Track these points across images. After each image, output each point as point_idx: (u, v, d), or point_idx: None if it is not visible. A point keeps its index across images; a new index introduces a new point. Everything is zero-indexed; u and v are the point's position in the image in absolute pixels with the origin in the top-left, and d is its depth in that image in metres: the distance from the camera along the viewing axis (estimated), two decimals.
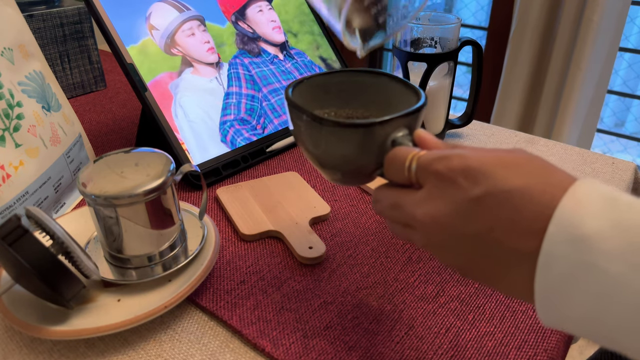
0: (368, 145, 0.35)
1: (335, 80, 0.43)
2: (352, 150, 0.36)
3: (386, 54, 2.29)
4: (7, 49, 0.51)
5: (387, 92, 0.42)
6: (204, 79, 0.66)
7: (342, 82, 0.43)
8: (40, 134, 0.52)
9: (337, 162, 0.37)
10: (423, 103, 0.37)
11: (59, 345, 0.41)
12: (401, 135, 0.35)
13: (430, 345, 0.41)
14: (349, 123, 0.34)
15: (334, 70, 0.42)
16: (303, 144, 0.39)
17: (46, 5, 0.83)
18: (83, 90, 0.91)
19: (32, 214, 0.39)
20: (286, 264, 0.49)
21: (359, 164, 0.37)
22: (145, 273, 0.44)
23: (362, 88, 0.43)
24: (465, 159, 0.29)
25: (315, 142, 0.37)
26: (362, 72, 0.43)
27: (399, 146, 0.34)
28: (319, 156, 0.38)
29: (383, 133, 0.35)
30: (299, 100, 0.38)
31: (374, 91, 0.43)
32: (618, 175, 0.67)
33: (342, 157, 0.37)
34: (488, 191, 0.28)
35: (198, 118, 0.63)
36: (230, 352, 0.40)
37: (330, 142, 0.36)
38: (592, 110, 1.66)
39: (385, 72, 0.42)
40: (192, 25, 0.67)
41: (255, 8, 0.74)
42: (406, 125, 0.35)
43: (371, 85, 0.43)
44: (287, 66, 0.75)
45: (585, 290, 0.25)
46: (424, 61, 0.67)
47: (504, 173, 0.28)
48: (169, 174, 0.42)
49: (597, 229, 0.24)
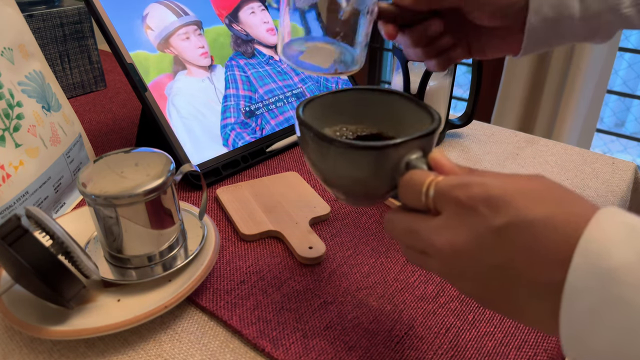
0: (381, 168, 0.34)
1: (345, 98, 0.42)
2: (364, 172, 0.35)
3: (386, 54, 2.29)
4: (7, 49, 0.51)
5: (399, 110, 0.41)
6: (197, 79, 0.66)
7: (352, 100, 0.42)
8: (40, 134, 0.52)
9: (349, 183, 0.37)
10: (438, 125, 0.36)
11: (59, 345, 0.41)
12: (415, 158, 0.34)
13: (430, 345, 0.41)
14: (362, 145, 0.34)
15: (344, 88, 0.42)
16: (313, 163, 0.38)
17: (46, 5, 0.83)
18: (83, 90, 0.91)
19: (32, 214, 0.39)
20: (286, 264, 0.49)
21: (372, 186, 0.36)
22: (145, 273, 0.44)
23: (372, 106, 0.43)
24: (486, 187, 0.28)
25: (327, 163, 0.36)
26: (372, 90, 0.42)
27: (413, 169, 0.33)
28: (330, 177, 0.37)
29: (397, 155, 0.34)
30: (309, 119, 0.37)
31: (384, 109, 0.42)
32: (618, 175, 0.67)
33: (354, 179, 0.36)
34: (510, 221, 0.27)
35: (190, 115, 0.63)
36: (230, 352, 0.40)
37: (342, 163, 0.35)
38: (592, 110, 1.66)
39: (396, 91, 0.41)
40: (188, 30, 0.67)
41: (247, 10, 0.74)
42: (420, 147, 0.34)
43: (382, 103, 0.42)
44: (282, 67, 0.75)
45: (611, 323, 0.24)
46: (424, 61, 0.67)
47: (526, 202, 0.27)
48: (169, 174, 0.42)
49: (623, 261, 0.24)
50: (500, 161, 0.70)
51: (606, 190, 0.63)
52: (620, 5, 0.46)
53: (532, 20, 0.48)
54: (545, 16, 0.48)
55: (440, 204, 0.30)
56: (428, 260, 0.32)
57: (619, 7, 0.46)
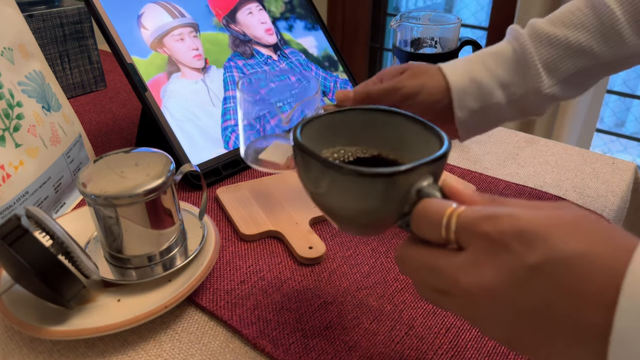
0: (390, 197, 0.31)
1: (345, 118, 0.39)
2: (371, 201, 0.31)
3: (386, 54, 2.29)
4: (7, 49, 0.51)
5: (402, 132, 0.38)
6: (190, 81, 0.65)
7: (352, 121, 0.39)
8: (40, 134, 0.52)
9: (353, 213, 0.33)
10: (449, 148, 0.33)
11: (59, 345, 0.41)
12: (427, 185, 0.31)
13: (430, 345, 0.41)
14: (369, 172, 0.30)
15: (344, 108, 0.39)
16: (313, 191, 0.35)
17: (46, 5, 0.83)
18: (83, 90, 0.91)
19: (32, 214, 0.39)
20: (286, 264, 0.49)
21: (378, 216, 0.33)
22: (145, 273, 0.44)
23: (373, 127, 0.39)
24: (516, 219, 0.26)
25: (328, 191, 0.33)
26: (374, 110, 0.39)
27: (427, 198, 0.30)
28: (332, 206, 0.34)
29: (407, 182, 0.31)
30: (307, 142, 0.34)
31: (387, 131, 0.39)
32: (618, 175, 0.67)
33: (359, 209, 0.32)
34: (547, 258, 0.24)
35: (184, 118, 0.63)
36: (230, 352, 0.40)
37: (347, 192, 0.32)
38: (592, 110, 1.66)
39: (400, 111, 0.38)
40: (183, 31, 0.67)
41: (245, 11, 0.74)
42: (432, 173, 0.32)
43: (384, 124, 0.39)
44: (281, 66, 0.75)
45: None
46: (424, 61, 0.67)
47: (562, 236, 0.24)
48: (169, 174, 0.42)
49: None
50: (500, 161, 0.70)
51: (606, 190, 0.63)
52: (542, 86, 0.47)
53: (459, 114, 0.50)
54: (471, 109, 0.49)
55: (464, 238, 0.28)
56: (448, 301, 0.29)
57: (541, 88, 0.47)
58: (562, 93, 0.48)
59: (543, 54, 0.47)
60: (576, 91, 0.49)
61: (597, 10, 0.45)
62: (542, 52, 0.47)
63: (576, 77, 0.48)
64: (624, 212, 0.65)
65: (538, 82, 0.47)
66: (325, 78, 0.79)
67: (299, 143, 0.34)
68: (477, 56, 0.49)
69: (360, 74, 2.31)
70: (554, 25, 0.47)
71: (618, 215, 0.61)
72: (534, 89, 0.47)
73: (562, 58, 0.47)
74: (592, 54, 0.46)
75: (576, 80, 0.48)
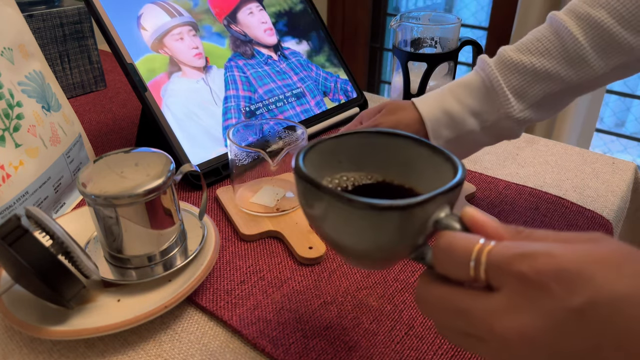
0: (406, 230, 0.29)
1: (347, 142, 0.36)
2: (385, 236, 0.29)
3: (386, 54, 2.29)
4: (7, 49, 0.51)
5: (408, 155, 0.35)
6: (191, 80, 0.66)
7: (355, 145, 0.36)
8: (40, 134, 0.52)
9: (365, 249, 0.30)
10: (464, 174, 0.30)
11: (59, 345, 0.41)
12: (445, 216, 0.29)
13: (430, 345, 0.41)
14: (383, 205, 0.27)
15: (346, 132, 0.36)
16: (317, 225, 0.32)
17: (46, 5, 0.83)
18: (83, 90, 0.91)
19: (32, 214, 0.39)
20: (286, 264, 0.49)
21: (392, 250, 0.30)
22: (145, 273, 0.44)
23: (377, 151, 0.37)
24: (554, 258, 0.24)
25: (335, 226, 0.30)
26: (378, 133, 0.36)
27: (446, 229, 0.28)
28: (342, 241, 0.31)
29: (424, 214, 0.28)
30: (309, 169, 0.31)
31: (391, 154, 0.36)
32: (618, 175, 0.67)
33: (371, 244, 0.30)
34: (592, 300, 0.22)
35: (185, 117, 0.63)
36: (230, 352, 0.40)
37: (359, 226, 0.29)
38: (591, 110, 1.66)
39: (405, 134, 0.36)
40: (182, 31, 0.67)
41: (245, 11, 0.74)
42: (448, 202, 0.29)
43: (388, 147, 0.36)
44: (281, 66, 0.75)
45: None
46: (424, 61, 0.67)
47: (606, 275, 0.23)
48: (169, 174, 0.42)
49: None
50: (500, 161, 0.70)
51: (606, 190, 0.63)
52: (512, 111, 0.48)
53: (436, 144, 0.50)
54: (447, 138, 0.51)
55: (497, 278, 0.25)
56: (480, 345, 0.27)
57: (512, 113, 0.49)
58: (534, 116, 0.49)
59: (512, 80, 0.48)
60: (548, 113, 0.50)
61: (561, 37, 0.47)
62: (511, 78, 0.48)
63: (546, 101, 0.49)
64: (624, 212, 0.65)
65: (508, 107, 0.48)
66: (325, 78, 0.79)
67: (301, 173, 0.30)
68: (447, 88, 0.51)
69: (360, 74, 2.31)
70: (521, 53, 0.48)
71: (618, 215, 0.61)
72: (505, 115, 0.49)
73: (529, 84, 0.48)
74: (559, 78, 0.47)
75: (546, 104, 0.49)
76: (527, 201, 0.60)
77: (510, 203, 0.59)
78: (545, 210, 0.58)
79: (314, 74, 0.78)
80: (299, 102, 0.74)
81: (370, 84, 2.36)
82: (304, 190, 0.31)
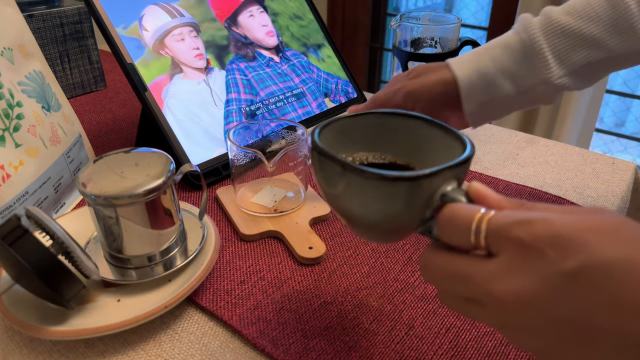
0: (414, 201, 0.30)
1: (360, 122, 0.38)
2: (393, 206, 0.30)
3: (386, 54, 2.29)
4: (7, 49, 0.51)
5: (420, 136, 0.37)
6: (192, 81, 0.66)
7: (369, 125, 0.38)
8: (40, 134, 0.52)
9: (375, 219, 0.32)
10: (472, 151, 0.32)
11: (59, 345, 0.41)
12: (452, 189, 0.30)
13: (430, 346, 0.41)
14: (393, 176, 0.29)
15: (360, 112, 0.38)
16: (329, 196, 0.34)
17: (46, 5, 0.83)
18: (83, 90, 0.91)
19: (32, 214, 0.39)
20: (286, 264, 0.49)
21: (400, 222, 0.32)
22: (145, 273, 0.44)
23: (390, 131, 0.38)
24: (551, 224, 0.25)
25: (347, 196, 0.32)
26: (390, 114, 0.38)
27: (452, 202, 0.29)
28: (352, 212, 0.33)
29: (432, 187, 0.30)
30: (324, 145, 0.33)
31: (403, 135, 0.38)
32: (618, 175, 0.67)
33: (381, 214, 0.31)
34: (584, 264, 0.23)
35: (186, 118, 0.63)
36: (230, 352, 0.40)
37: (368, 197, 0.31)
38: (591, 110, 1.66)
39: (417, 115, 0.37)
40: (183, 31, 0.67)
41: (246, 14, 0.75)
42: (456, 177, 0.31)
43: (400, 128, 0.38)
44: (283, 68, 0.75)
45: None
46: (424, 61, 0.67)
47: (600, 241, 0.23)
48: (169, 174, 0.42)
49: None
50: (500, 161, 0.70)
51: (606, 190, 0.63)
52: (551, 77, 0.47)
53: (467, 107, 0.50)
54: (479, 101, 0.50)
55: (496, 244, 0.26)
56: (479, 310, 0.27)
57: (550, 79, 0.48)
58: (571, 84, 0.48)
59: (555, 44, 0.47)
60: (585, 82, 0.49)
61: (613, 4, 0.46)
62: (555, 42, 0.47)
63: (587, 69, 0.48)
64: (624, 212, 0.65)
65: (547, 72, 0.47)
66: (326, 80, 0.79)
67: (316, 146, 0.32)
68: (484, 49, 0.50)
69: (360, 74, 2.31)
70: (570, 15, 0.47)
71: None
72: (543, 80, 0.48)
73: (574, 49, 0.47)
74: (605, 46, 0.46)
75: (586, 72, 0.48)
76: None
77: None
78: None
79: (315, 76, 0.78)
80: (300, 104, 0.74)
81: (370, 84, 2.36)
82: (319, 163, 0.32)
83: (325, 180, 0.33)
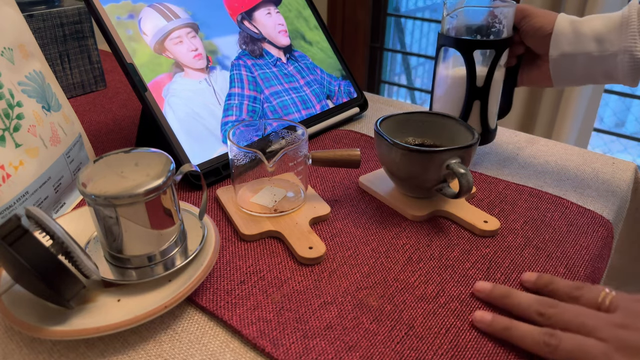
0: (428, 166, 0.51)
1: (413, 118, 0.59)
2: (417, 168, 0.52)
3: (386, 54, 2.29)
4: (7, 49, 0.51)
5: (451, 129, 0.57)
6: (194, 80, 0.65)
7: (419, 120, 0.59)
8: (40, 134, 0.52)
9: (407, 175, 0.54)
10: (476, 141, 0.52)
11: (59, 345, 0.41)
12: (454, 162, 0.50)
13: (430, 346, 0.41)
14: (416, 149, 0.51)
15: (413, 111, 0.60)
16: (385, 161, 0.55)
17: (46, 5, 0.83)
18: (83, 90, 0.91)
19: (32, 214, 0.39)
20: (286, 264, 0.49)
21: (422, 178, 0.53)
22: (145, 273, 0.44)
23: (433, 125, 0.59)
24: None
25: (393, 161, 0.53)
26: (434, 114, 0.59)
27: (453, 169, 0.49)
28: (396, 170, 0.54)
29: (440, 159, 0.50)
30: (385, 130, 0.55)
31: (441, 128, 0.58)
32: (618, 175, 0.67)
33: (410, 172, 0.53)
34: None
35: (187, 116, 0.63)
36: (230, 352, 0.40)
37: (403, 161, 0.52)
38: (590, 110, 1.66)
39: (451, 115, 0.58)
40: (181, 34, 0.66)
41: (264, 11, 0.75)
42: (459, 155, 0.50)
43: (440, 123, 0.58)
44: (289, 69, 0.75)
45: None
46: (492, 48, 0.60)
47: None
48: (169, 174, 0.42)
49: None
50: (500, 161, 0.70)
51: (606, 190, 0.63)
52: (635, 48, 0.52)
53: (553, 53, 0.58)
54: (564, 51, 0.56)
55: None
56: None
57: (633, 50, 0.53)
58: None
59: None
60: None
61: None
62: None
63: None
64: (624, 212, 0.65)
65: (632, 42, 0.52)
66: (329, 82, 0.79)
67: (378, 129, 0.54)
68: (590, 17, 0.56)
69: (360, 74, 2.31)
70: None
71: (618, 215, 0.61)
72: (626, 49, 0.52)
73: None
74: None
75: None
76: (527, 201, 0.60)
77: (510, 203, 0.59)
78: (545, 210, 0.58)
79: (319, 77, 0.78)
80: (304, 106, 0.74)
81: (370, 84, 2.36)
82: (378, 140, 0.54)
83: (380, 149, 0.54)
